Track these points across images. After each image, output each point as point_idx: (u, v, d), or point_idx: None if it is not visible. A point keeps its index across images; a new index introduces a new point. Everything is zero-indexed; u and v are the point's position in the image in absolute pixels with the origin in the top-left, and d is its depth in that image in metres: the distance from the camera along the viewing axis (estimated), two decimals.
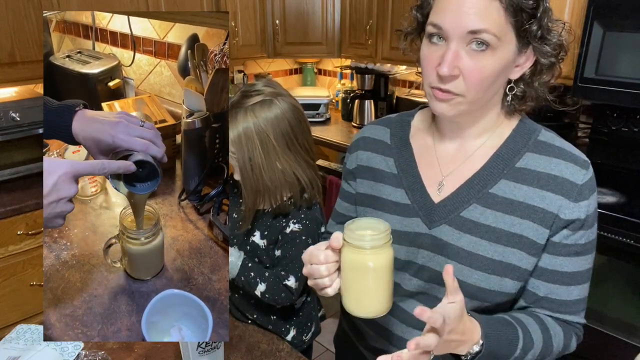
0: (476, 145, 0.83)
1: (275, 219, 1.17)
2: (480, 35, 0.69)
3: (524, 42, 0.73)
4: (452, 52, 0.71)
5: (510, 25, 0.71)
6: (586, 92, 1.87)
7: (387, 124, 0.96)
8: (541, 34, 0.73)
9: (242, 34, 2.80)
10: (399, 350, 0.90)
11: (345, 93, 3.14)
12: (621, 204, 1.69)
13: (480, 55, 0.71)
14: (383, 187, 0.90)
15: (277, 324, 1.25)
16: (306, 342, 1.30)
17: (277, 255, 1.17)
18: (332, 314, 2.57)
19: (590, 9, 1.79)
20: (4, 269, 1.87)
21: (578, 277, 0.81)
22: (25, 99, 1.98)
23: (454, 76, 0.72)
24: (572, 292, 0.81)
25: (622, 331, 1.72)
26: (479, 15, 0.69)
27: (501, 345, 0.74)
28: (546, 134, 0.83)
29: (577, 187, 0.77)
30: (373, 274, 0.69)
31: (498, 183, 0.80)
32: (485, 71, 0.72)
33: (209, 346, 0.93)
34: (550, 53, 0.75)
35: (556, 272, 0.80)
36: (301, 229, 1.15)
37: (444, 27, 0.71)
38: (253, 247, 1.20)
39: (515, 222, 0.78)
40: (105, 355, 1.00)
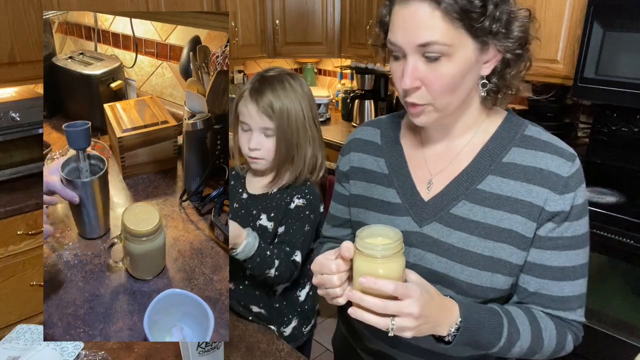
0: (463, 143, 0.84)
1: (279, 198, 1.20)
2: (430, 48, 0.70)
3: (481, 40, 0.72)
4: (410, 66, 0.73)
5: (461, 29, 0.70)
6: (586, 92, 1.87)
7: (378, 125, 0.97)
8: (496, 29, 0.71)
9: (242, 34, 2.81)
10: (396, 351, 0.90)
11: (345, 93, 3.14)
12: (621, 204, 1.69)
13: (436, 64, 0.72)
14: (375, 188, 0.91)
15: (280, 313, 1.27)
16: (305, 335, 1.32)
17: (279, 232, 1.20)
18: (332, 314, 2.58)
19: (590, 9, 1.79)
20: (4, 269, 1.87)
21: (569, 272, 0.80)
22: (25, 99, 1.99)
23: (416, 88, 0.74)
24: (563, 287, 0.80)
25: (622, 331, 1.72)
26: (425, 28, 0.69)
27: (482, 330, 0.74)
28: (532, 129, 0.83)
29: (563, 179, 0.77)
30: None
31: (485, 179, 0.80)
32: (444, 77, 0.72)
33: (209, 346, 0.94)
34: (511, 47, 0.74)
35: (544, 266, 0.79)
36: (305, 204, 1.19)
37: (398, 43, 0.73)
38: (261, 231, 1.21)
39: (504, 217, 0.78)
40: (105, 355, 1.00)
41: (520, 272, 0.81)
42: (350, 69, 3.13)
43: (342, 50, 2.95)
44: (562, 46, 1.93)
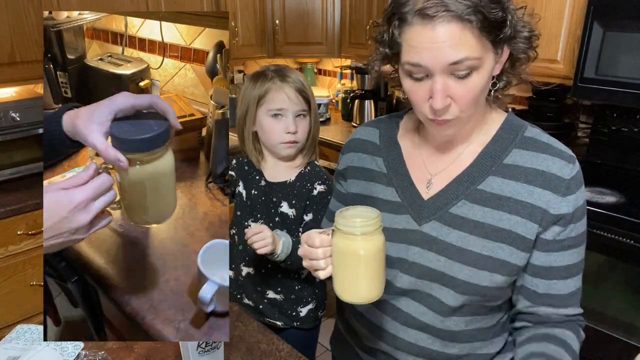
0: (463, 144, 0.85)
1: (299, 186, 1.25)
2: (463, 64, 0.69)
3: (499, 47, 0.74)
4: (440, 85, 0.71)
5: (487, 41, 0.70)
6: (586, 92, 1.87)
7: (377, 125, 0.97)
8: (512, 34, 0.73)
9: (242, 34, 2.81)
10: (393, 349, 0.91)
11: (345, 93, 3.14)
12: (621, 204, 1.69)
13: (467, 79, 0.71)
14: (374, 186, 0.91)
15: (301, 296, 1.30)
16: (318, 318, 1.36)
17: (307, 220, 1.24)
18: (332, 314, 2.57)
19: (590, 9, 1.79)
20: (4, 269, 1.87)
21: (573, 269, 0.82)
22: (25, 99, 1.99)
23: (447, 106, 0.73)
24: (569, 284, 0.82)
25: (622, 331, 1.72)
26: (455, 46, 0.68)
27: None
28: (532, 130, 0.84)
29: (565, 181, 0.77)
30: (364, 260, 0.70)
31: (486, 179, 0.81)
32: (475, 90, 0.72)
33: (209, 346, 0.94)
34: (523, 48, 0.76)
35: (552, 267, 0.81)
36: (326, 189, 1.23)
37: (424, 64, 0.70)
38: (282, 218, 1.25)
39: (503, 217, 0.79)
40: (105, 355, 1.00)
41: (527, 275, 0.82)
42: (350, 69, 3.13)
43: (342, 50, 2.95)
44: (562, 46, 1.93)
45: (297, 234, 1.25)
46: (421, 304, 0.86)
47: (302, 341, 1.26)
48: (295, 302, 1.31)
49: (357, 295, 0.72)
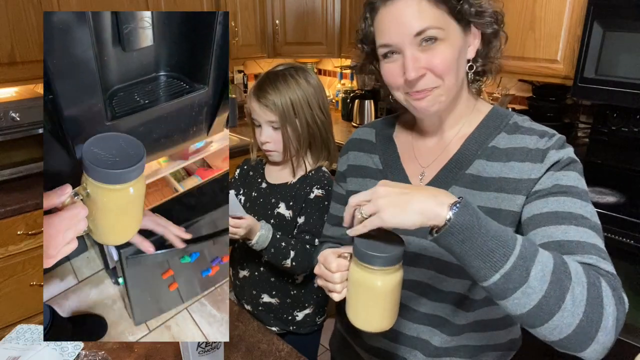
0: (452, 135, 0.88)
1: (298, 188, 1.24)
2: (426, 33, 0.76)
3: (464, 24, 0.79)
4: (410, 57, 0.77)
5: (446, 14, 0.77)
6: (586, 92, 1.87)
7: (374, 125, 1.02)
8: (475, 10, 0.78)
9: (242, 34, 2.80)
10: (396, 347, 0.91)
11: (345, 93, 3.13)
12: (621, 204, 1.69)
13: (434, 48, 0.77)
14: (370, 182, 0.93)
15: (297, 300, 1.30)
16: (317, 324, 1.35)
17: (300, 222, 1.23)
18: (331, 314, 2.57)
19: (590, 9, 1.79)
20: (4, 269, 1.87)
21: (565, 216, 0.73)
22: (25, 99, 1.99)
23: (421, 76, 0.77)
24: (566, 231, 0.72)
25: (623, 331, 1.71)
26: (416, 17, 0.75)
27: (489, 223, 0.64)
28: (517, 117, 0.87)
29: (541, 151, 0.80)
30: (381, 295, 0.68)
31: (473, 164, 0.84)
32: (446, 58, 0.77)
33: (209, 346, 0.94)
34: (489, 22, 0.80)
35: (537, 215, 0.75)
36: (324, 194, 1.23)
37: (392, 42, 0.78)
38: (279, 219, 1.25)
39: (491, 197, 0.81)
40: (105, 355, 1.00)
41: (524, 237, 0.76)
42: (350, 69, 3.13)
43: (342, 50, 2.94)
44: (562, 46, 1.93)
45: (290, 235, 1.24)
46: (423, 296, 0.86)
47: (300, 346, 1.24)
48: (291, 307, 1.30)
49: (369, 324, 0.71)
